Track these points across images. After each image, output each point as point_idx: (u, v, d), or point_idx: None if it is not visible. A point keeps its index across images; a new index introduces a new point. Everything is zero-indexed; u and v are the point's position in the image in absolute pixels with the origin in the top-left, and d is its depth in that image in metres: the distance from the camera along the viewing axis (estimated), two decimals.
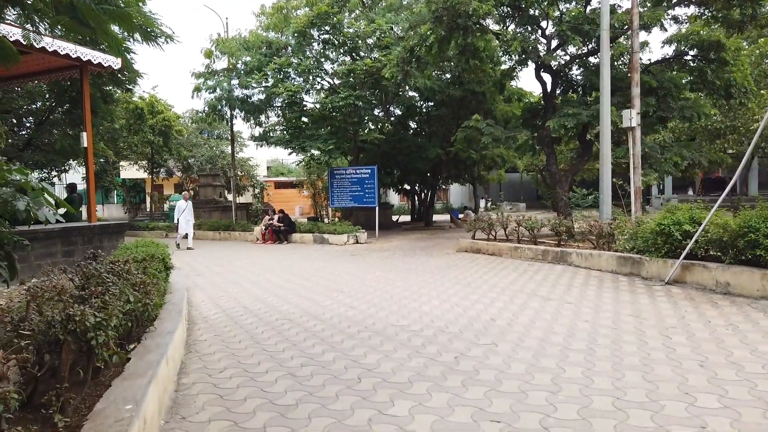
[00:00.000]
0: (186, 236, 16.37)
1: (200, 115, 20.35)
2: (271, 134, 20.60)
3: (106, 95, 19.74)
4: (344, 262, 11.71)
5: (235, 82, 19.50)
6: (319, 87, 18.66)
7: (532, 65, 13.99)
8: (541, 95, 15.20)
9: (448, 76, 20.03)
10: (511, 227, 12.32)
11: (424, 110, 22.37)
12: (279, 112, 20.03)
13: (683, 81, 13.59)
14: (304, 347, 5.04)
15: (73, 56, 9.06)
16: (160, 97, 26.29)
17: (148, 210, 34.69)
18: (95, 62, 9.52)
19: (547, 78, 13.87)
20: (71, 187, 11.02)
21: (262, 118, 20.20)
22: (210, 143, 30.70)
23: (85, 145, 9.72)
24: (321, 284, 8.71)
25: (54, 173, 30.17)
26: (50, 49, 8.66)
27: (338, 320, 6.10)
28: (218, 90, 19.21)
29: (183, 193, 17.52)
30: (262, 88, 18.98)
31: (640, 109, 10.82)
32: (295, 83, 17.32)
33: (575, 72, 15.22)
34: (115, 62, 9.86)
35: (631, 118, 10.27)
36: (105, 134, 21.12)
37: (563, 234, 10.76)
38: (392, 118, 21.35)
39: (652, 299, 6.68)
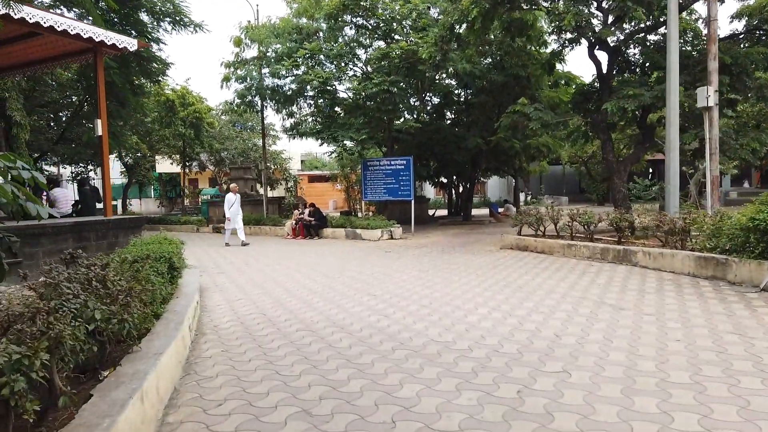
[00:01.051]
0: (235, 232, 15.15)
1: (230, 105, 19.64)
2: (303, 125, 19.82)
3: (136, 87, 19.34)
4: (377, 259, 10.74)
5: (265, 71, 18.77)
6: (351, 74, 17.71)
7: (584, 44, 12.68)
8: (594, 77, 13.82)
9: (487, 60, 18.76)
10: (562, 222, 11.09)
11: (462, 98, 21.14)
12: (311, 101, 19.21)
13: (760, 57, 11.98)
14: (325, 370, 4.08)
15: (85, 36, 8.36)
16: (191, 89, 25.93)
17: (184, 204, 34.69)
18: (109, 43, 8.80)
19: (602, 57, 12.51)
20: (81, 181, 10.42)
21: (294, 108, 19.43)
22: (242, 136, 30.23)
23: (99, 133, 9.04)
24: (351, 286, 7.76)
25: (90, 167, 30.43)
26: (59, 29, 7.98)
27: (368, 333, 5.12)
28: (248, 79, 18.51)
29: (231, 185, 16.16)
30: (293, 77, 18.17)
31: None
32: (327, 69, 16.40)
33: (632, 51, 13.76)
34: (130, 44, 9.13)
35: (708, 96, 8.89)
36: (136, 127, 20.71)
37: (625, 230, 9.48)
38: (428, 107, 20.24)
39: (752, 311, 5.44)
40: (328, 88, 16.85)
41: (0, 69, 10.54)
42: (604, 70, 12.33)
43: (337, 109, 17.80)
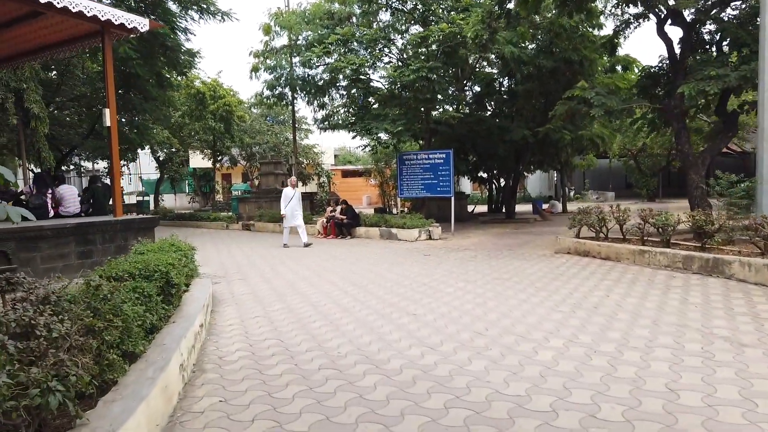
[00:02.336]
0: (295, 231, 13.61)
1: (259, 97, 18.72)
2: (335, 117, 18.75)
3: (163, 80, 18.65)
4: (416, 265, 9.53)
5: (295, 60, 17.79)
6: (386, 60, 16.49)
7: (650, 22, 11.12)
8: (662, 58, 12.20)
9: (531, 46, 17.23)
10: (630, 223, 9.63)
11: (506, 87, 19.64)
12: (343, 92, 18.11)
13: None
14: None
15: (89, 15, 7.43)
16: (222, 82, 25.25)
17: (218, 200, 34.27)
18: (117, 23, 7.85)
19: (674, 34, 10.91)
20: (92, 178, 9.56)
21: (325, 99, 18.37)
22: (274, 129, 29.43)
23: (108, 123, 8.13)
24: (386, 301, 6.57)
25: (122, 162, 30.21)
26: (59, 6, 7.05)
27: (410, 377, 3.93)
28: (278, 69, 17.56)
29: (290, 179, 14.61)
30: (324, 65, 17.11)
31: None
32: (360, 56, 15.23)
33: (705, 29, 12.06)
34: (140, 23, 8.15)
35: None
36: (162, 121, 20.01)
37: (713, 233, 7.97)
38: (468, 97, 18.84)
39: None
40: (362, 77, 15.68)
41: (8, 57, 9.81)
42: (677, 50, 10.72)
43: (371, 99, 16.61)
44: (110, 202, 9.94)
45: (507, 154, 19.41)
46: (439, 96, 15.13)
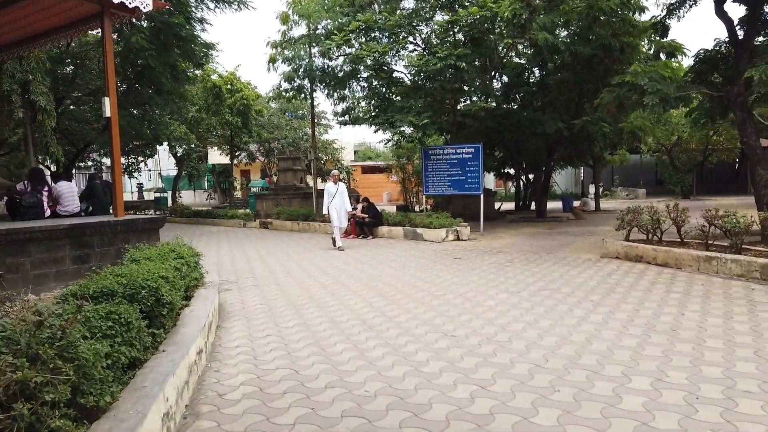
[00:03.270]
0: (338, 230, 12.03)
1: (277, 90, 17.89)
2: (356, 110, 17.86)
3: (179, 72, 17.95)
4: (447, 270, 8.59)
5: (314, 50, 16.91)
6: (411, 49, 15.52)
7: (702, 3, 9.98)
8: (718, 41, 11.04)
9: (565, 34, 16.09)
10: (688, 225, 8.55)
11: (537, 77, 18.50)
12: (364, 84, 17.21)
13: None
14: None
15: None
16: (240, 76, 24.54)
17: (237, 197, 33.76)
18: (116, 1, 7.05)
19: (735, 13, 9.75)
20: (92, 175, 8.79)
21: (346, 92, 17.49)
22: (292, 124, 28.66)
23: (108, 114, 7.35)
24: (418, 317, 5.66)
25: (140, 159, 29.79)
26: None
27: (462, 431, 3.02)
28: (296, 60, 16.70)
29: (332, 172, 12.90)
30: (344, 56, 16.23)
31: None
32: (383, 42, 14.28)
33: None
34: (143, 2, 7.33)
35: None
36: (176, 114, 19.33)
37: None
38: (497, 89, 17.76)
39: None
40: (384, 66, 14.75)
41: (6, 45, 9.11)
42: (744, 31, 9.55)
43: (393, 90, 15.66)
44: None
45: (538, 149, 18.30)
46: (468, 86, 14.07)
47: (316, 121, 23.97)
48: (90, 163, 33.27)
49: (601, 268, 8.36)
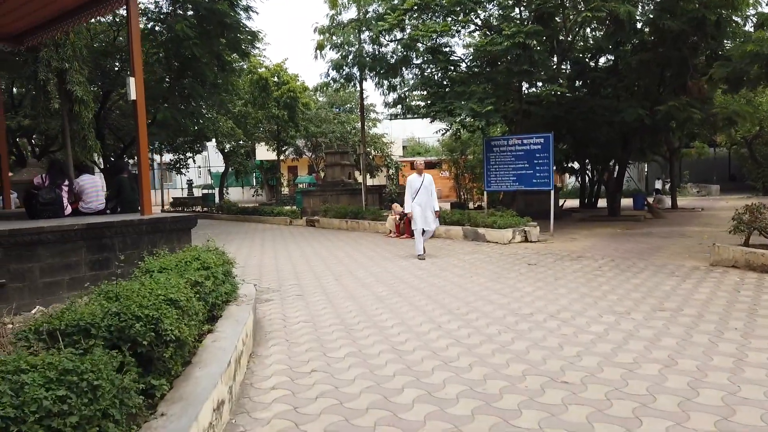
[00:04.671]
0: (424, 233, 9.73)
1: (325, 79, 16.87)
2: (408, 100, 16.58)
3: (224, 63, 17.21)
4: (524, 280, 7.20)
5: (364, 36, 15.78)
6: (471, 29, 14.08)
7: None
8: None
9: (640, 11, 14.24)
10: None
11: (607, 60, 16.67)
12: (417, 71, 15.91)
13: None
14: None
15: None
16: (287, 69, 23.71)
17: (284, 193, 33.22)
18: None
19: None
20: (118, 167, 7.85)
21: (397, 80, 16.24)
22: (340, 118, 27.65)
23: (134, 96, 6.37)
24: (507, 348, 4.33)
25: (189, 155, 29.54)
26: None
27: None
28: (345, 46, 15.61)
29: (416, 162, 10.29)
30: (396, 41, 15.00)
31: None
32: (441, 22, 12.92)
33: None
34: None
35: None
36: (217, 106, 18.57)
37: None
38: (565, 72, 16.04)
39: None
40: (443, 49, 13.39)
41: (28, 29, 8.37)
42: None
43: (453, 75, 14.26)
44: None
45: (610, 140, 16.48)
46: (537, 69, 12.47)
47: (364, 114, 22.86)
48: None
49: (719, 280, 6.75)
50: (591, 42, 16.86)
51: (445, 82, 14.10)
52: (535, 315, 5.31)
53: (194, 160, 30.42)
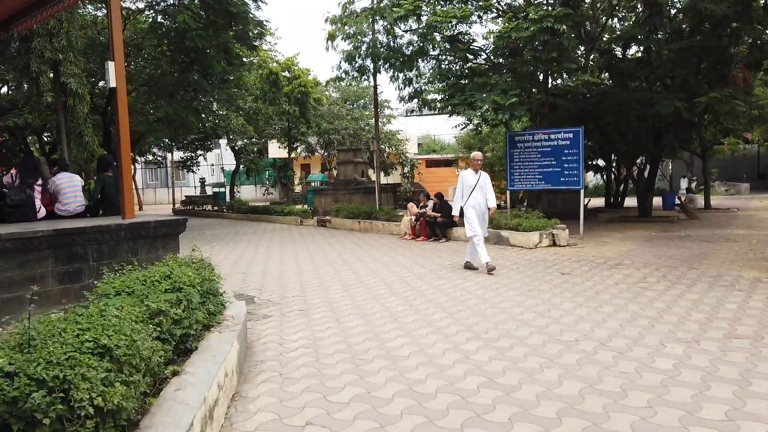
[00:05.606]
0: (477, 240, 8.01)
1: (337, 71, 16.02)
2: (424, 93, 15.66)
3: (231, 56, 16.47)
4: (559, 293, 6.27)
5: (379, 26, 14.89)
6: (495, 14, 13.10)
7: None
8: None
9: None
10: None
11: (638, 50, 15.57)
12: (435, 63, 15.00)
13: None
14: None
15: None
16: (298, 63, 22.91)
17: (297, 191, 32.52)
18: None
19: None
20: (102, 163, 6.98)
21: (413, 74, 15.34)
22: (354, 114, 26.78)
23: (113, 83, 5.57)
24: (553, 392, 3.43)
25: (200, 153, 28.92)
26: None
27: None
28: (358, 37, 14.75)
29: (473, 155, 8.53)
30: (411, 31, 14.10)
31: None
32: (460, 7, 11.99)
33: None
34: None
35: None
36: (224, 101, 17.83)
37: None
38: (593, 63, 15.00)
39: None
40: (462, 37, 12.45)
41: (17, 13, 7.63)
42: None
43: (473, 65, 13.31)
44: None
45: (640, 136, 15.40)
46: (565, 57, 11.45)
47: (379, 110, 21.97)
48: (150, 157, 33.02)
49: None
50: (618, 32, 15.78)
51: (464, 73, 13.15)
52: (582, 342, 4.39)
53: (205, 158, 29.83)
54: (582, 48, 13.87)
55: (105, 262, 5.26)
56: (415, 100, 15.27)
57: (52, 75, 10.57)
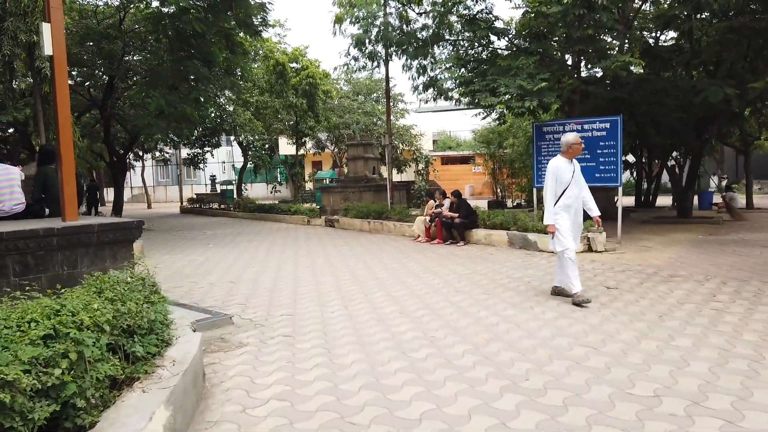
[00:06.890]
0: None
1: (344, 59, 14.83)
2: (439, 83, 14.39)
3: (234, 44, 15.37)
4: (612, 320, 4.99)
5: (391, 7, 13.66)
6: None
7: None
8: None
9: None
10: None
11: (680, 31, 14.11)
12: (452, 49, 13.71)
13: None
14: None
15: None
16: (306, 53, 21.75)
17: (308, 189, 31.43)
18: None
19: None
20: (44, 155, 5.79)
21: (427, 62, 14.06)
22: (364, 107, 25.53)
23: (49, 51, 4.43)
24: None
25: (207, 149, 27.93)
26: None
27: None
28: (368, 20, 13.53)
29: (565, 138, 5.87)
30: (426, 13, 12.86)
31: None
32: None
33: None
34: None
35: None
36: (226, 89, 16.73)
37: None
38: (629, 45, 13.58)
39: None
40: (483, 14, 11.15)
41: None
42: None
43: (494, 47, 12.00)
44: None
45: (678, 127, 13.95)
46: (603, 35, 10.11)
47: (391, 104, 20.72)
48: (158, 154, 32.11)
49: None
50: (651, 15, 14.33)
51: (486, 57, 11.84)
52: (665, 401, 3.11)
53: (212, 155, 28.85)
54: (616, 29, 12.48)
55: (31, 276, 4.11)
56: (431, 90, 13.98)
57: (27, 58, 9.52)
